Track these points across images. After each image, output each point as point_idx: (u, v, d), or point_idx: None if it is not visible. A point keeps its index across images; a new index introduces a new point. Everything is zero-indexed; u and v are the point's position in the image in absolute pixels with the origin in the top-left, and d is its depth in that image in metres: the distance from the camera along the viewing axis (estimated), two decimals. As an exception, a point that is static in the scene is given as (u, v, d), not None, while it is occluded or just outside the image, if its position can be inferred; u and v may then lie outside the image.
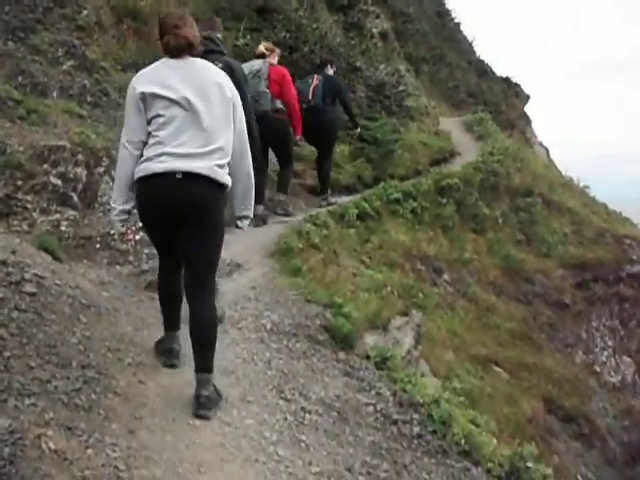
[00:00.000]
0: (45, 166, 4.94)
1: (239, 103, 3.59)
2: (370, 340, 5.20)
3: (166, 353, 3.65)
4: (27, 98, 5.74)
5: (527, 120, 23.96)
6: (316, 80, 8.62)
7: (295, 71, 10.53)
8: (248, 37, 10.50)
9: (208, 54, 5.20)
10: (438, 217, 9.95)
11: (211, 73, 3.51)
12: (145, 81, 3.47)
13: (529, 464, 3.96)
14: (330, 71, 8.93)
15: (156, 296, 3.79)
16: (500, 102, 21.82)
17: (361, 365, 4.55)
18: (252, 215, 3.91)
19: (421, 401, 4.16)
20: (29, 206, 4.70)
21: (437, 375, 6.23)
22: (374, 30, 15.23)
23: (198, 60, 3.55)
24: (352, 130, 9.83)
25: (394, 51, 16.14)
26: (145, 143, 3.38)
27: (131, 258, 5.14)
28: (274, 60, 7.75)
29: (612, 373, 10.59)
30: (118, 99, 7.40)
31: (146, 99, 3.37)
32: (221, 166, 3.37)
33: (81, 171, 5.25)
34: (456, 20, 24.85)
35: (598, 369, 10.34)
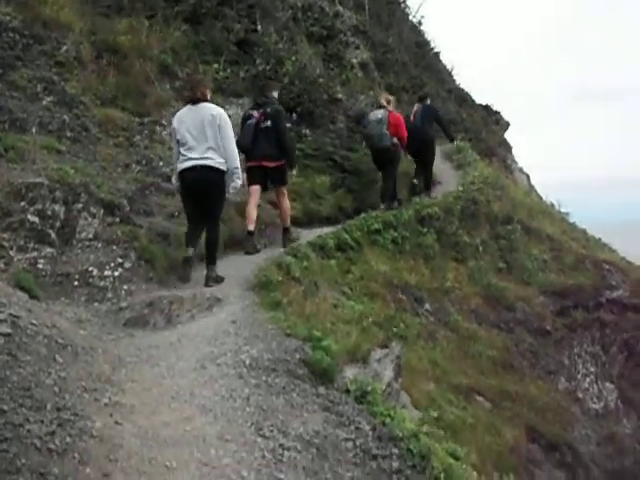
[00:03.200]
0: (22, 203, 4.95)
1: (226, 127, 6.42)
2: (350, 373, 5.18)
3: (183, 262, 6.34)
4: (5, 135, 5.76)
5: (507, 147, 24.21)
6: (416, 107, 11.90)
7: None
8: (228, 70, 10.61)
9: (267, 104, 8.10)
10: (419, 246, 10.00)
11: (209, 111, 6.38)
12: (176, 118, 6.54)
13: (509, 497, 3.95)
14: (428, 101, 12.15)
15: (135, 333, 3.84)
16: (480, 130, 22.04)
17: (341, 399, 4.52)
18: (238, 186, 6.64)
19: (400, 435, 4.13)
20: (5, 244, 4.69)
21: (418, 406, 6.21)
22: (354, 61, 15.45)
23: (204, 105, 6.43)
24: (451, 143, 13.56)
25: (374, 81, 16.35)
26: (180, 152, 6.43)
27: (109, 295, 5.14)
28: (391, 107, 10.62)
29: (595, 400, 10.59)
30: (97, 134, 7.45)
31: (175, 129, 6.46)
32: (219, 162, 6.35)
33: (59, 208, 5.26)
34: (435, 50, 25.23)
35: (581, 396, 10.34)
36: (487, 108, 24.88)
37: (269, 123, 8.00)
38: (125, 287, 5.30)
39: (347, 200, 10.75)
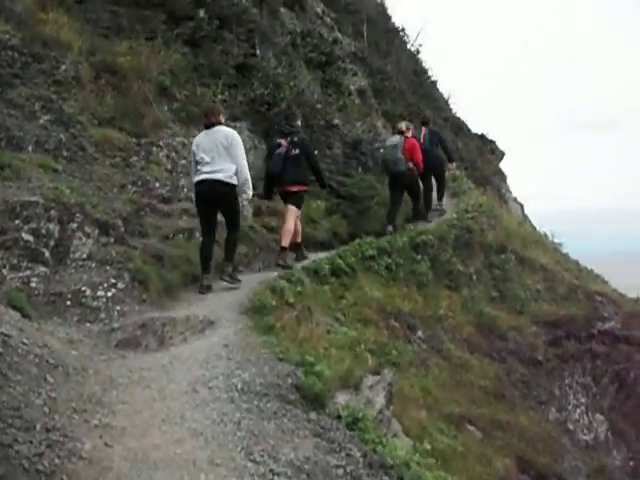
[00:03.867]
0: (17, 222, 4.95)
1: (238, 145, 7.23)
2: (342, 399, 5.16)
3: (200, 286, 6.94)
4: (1, 153, 5.77)
5: (502, 176, 24.37)
6: (424, 131, 12.34)
7: (270, 127, 10.71)
8: (226, 93, 10.67)
9: (293, 133, 8.87)
10: (413, 273, 10.01)
11: (222, 133, 7.22)
12: (194, 142, 7.41)
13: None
14: (430, 125, 12.90)
15: (127, 354, 3.83)
16: (475, 158, 22.19)
17: (332, 425, 4.49)
18: (250, 196, 7.60)
19: (391, 463, 4.11)
20: (-1, 262, 4.67)
21: (409, 434, 6.17)
22: (352, 87, 15.58)
23: (219, 127, 7.27)
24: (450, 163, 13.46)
25: (372, 108, 16.47)
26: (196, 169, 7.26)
27: (102, 315, 5.11)
28: (409, 134, 11.28)
29: (585, 431, 10.55)
30: (94, 154, 7.47)
31: (194, 151, 7.30)
32: (229, 176, 7.12)
33: (54, 227, 5.25)
34: (432, 78, 25.46)
35: (571, 427, 10.30)
36: (482, 137, 25.07)
37: (297, 151, 8.72)
38: (118, 308, 5.27)
39: (342, 225, 10.78)
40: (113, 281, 5.53)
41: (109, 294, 5.33)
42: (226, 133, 7.23)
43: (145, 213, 7.45)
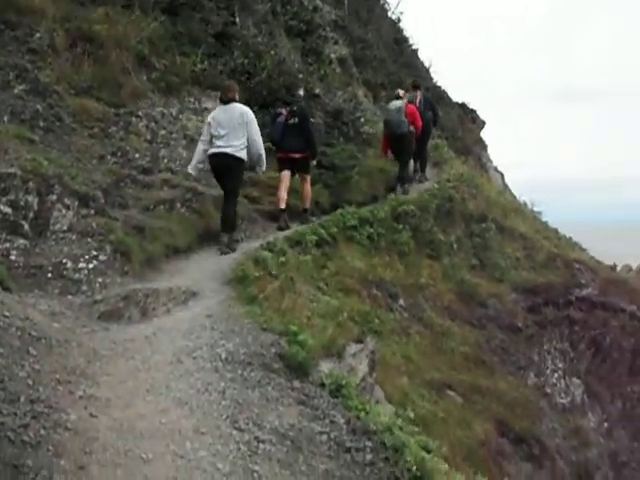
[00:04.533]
0: (-5, 194, 4.88)
1: (252, 122, 7.91)
2: (325, 367, 5.21)
3: (221, 244, 7.57)
4: (-24, 124, 5.65)
5: (483, 145, 24.38)
6: (419, 95, 12.88)
7: (251, 96, 10.60)
8: (206, 62, 10.51)
9: (293, 102, 9.65)
10: (394, 243, 10.06)
11: (238, 111, 7.86)
12: (210, 116, 8.03)
13: (480, 490, 4.00)
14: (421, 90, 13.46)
15: (109, 326, 3.87)
16: (456, 128, 22.15)
17: (316, 393, 4.54)
18: (264, 169, 8.42)
19: (374, 429, 4.17)
20: (-22, 235, 4.62)
21: (391, 401, 6.27)
22: (332, 56, 15.42)
23: (234, 105, 7.91)
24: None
25: (352, 77, 16.34)
26: (210, 141, 7.87)
27: (84, 287, 5.09)
28: (405, 100, 11.93)
29: (562, 394, 10.77)
30: (72, 124, 7.35)
31: (210, 123, 7.87)
32: (237, 150, 7.76)
33: (32, 199, 5.20)
34: (413, 47, 25.24)
35: (549, 391, 10.51)
36: (463, 106, 24.97)
37: (296, 120, 9.34)
38: (100, 280, 5.25)
39: (323, 195, 10.74)
40: (94, 253, 5.50)
41: (90, 266, 5.30)
42: (242, 110, 7.88)
43: (125, 184, 7.38)
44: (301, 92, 10.00)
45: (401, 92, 12.20)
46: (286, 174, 9.33)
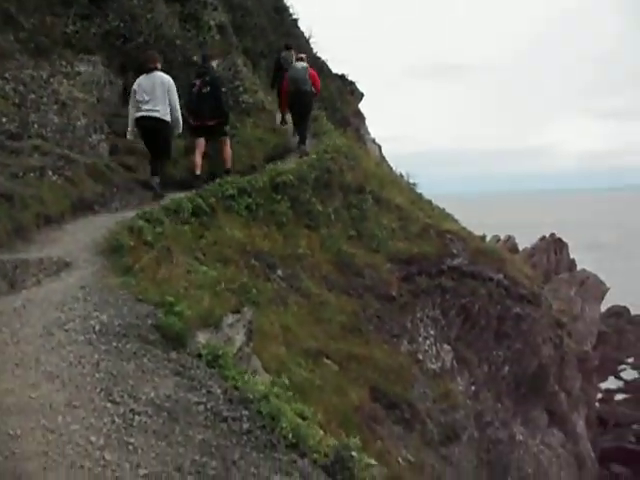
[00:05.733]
0: None
1: (172, 89, 8.99)
2: (202, 338, 5.19)
3: (153, 189, 8.89)
4: None
5: (361, 118, 24.76)
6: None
7: (127, 61, 10.21)
8: (78, 24, 9.99)
9: (206, 73, 10.34)
10: (272, 213, 10.08)
11: (159, 79, 8.89)
12: (135, 83, 8.96)
13: (353, 453, 4.14)
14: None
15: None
16: (335, 99, 22.34)
17: (192, 364, 4.53)
18: (180, 131, 9.60)
19: (251, 397, 4.22)
20: None
21: (268, 370, 6.33)
22: (212, 22, 15.05)
23: (156, 72, 8.97)
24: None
25: (232, 45, 16.06)
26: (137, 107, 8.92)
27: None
28: (306, 63, 13.07)
29: (433, 360, 11.31)
30: None
31: (135, 90, 8.91)
32: (163, 114, 8.88)
33: None
34: (294, 16, 25.11)
35: (421, 357, 11.00)
36: (342, 78, 25.17)
37: (208, 89, 10.18)
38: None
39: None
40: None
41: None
42: (162, 79, 9.00)
43: (-9, 150, 6.94)
44: (214, 63, 11.04)
45: (303, 55, 13.34)
46: (201, 141, 10.21)
